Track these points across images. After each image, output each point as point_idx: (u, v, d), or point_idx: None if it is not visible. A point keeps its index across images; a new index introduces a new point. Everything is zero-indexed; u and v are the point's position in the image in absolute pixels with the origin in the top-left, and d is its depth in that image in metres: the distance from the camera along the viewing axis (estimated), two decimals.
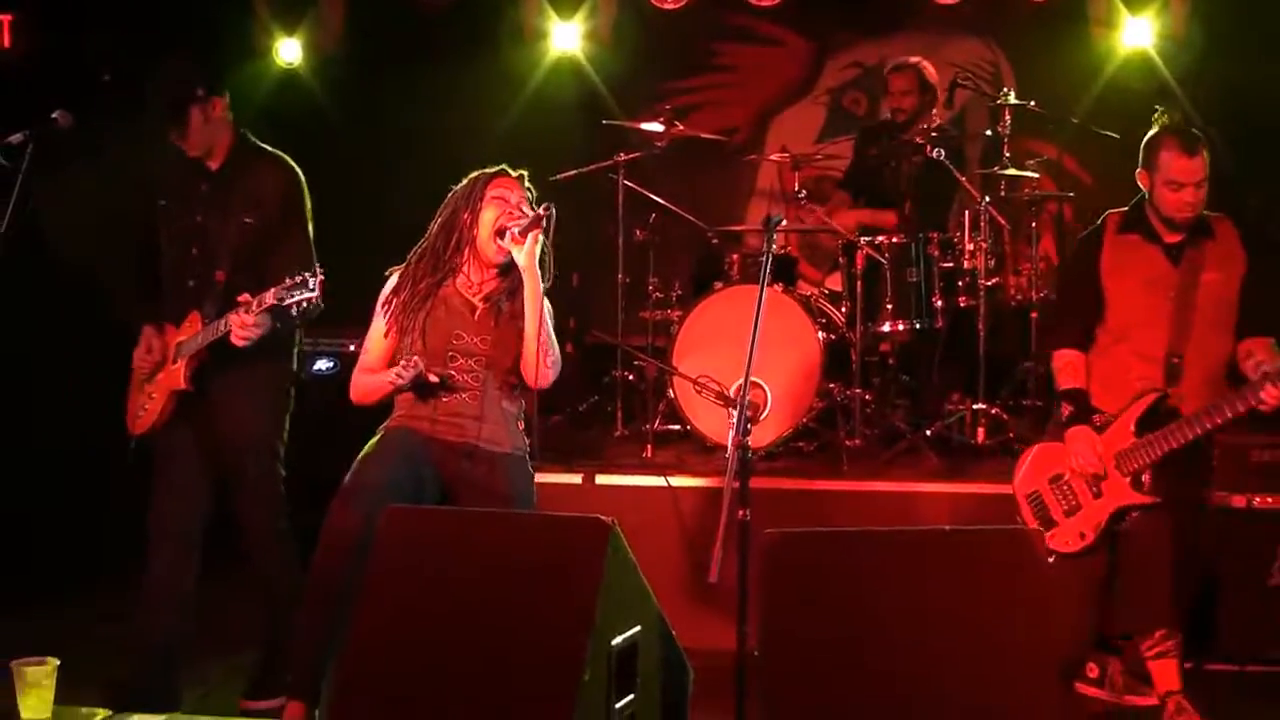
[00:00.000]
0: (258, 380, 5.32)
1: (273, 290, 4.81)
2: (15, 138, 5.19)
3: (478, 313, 4.85)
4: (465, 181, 5.00)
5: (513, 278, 4.88)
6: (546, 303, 4.90)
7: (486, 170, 4.99)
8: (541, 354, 4.74)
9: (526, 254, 4.75)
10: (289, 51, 7.97)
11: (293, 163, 5.36)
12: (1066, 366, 5.36)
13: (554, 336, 4.88)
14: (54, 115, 5.31)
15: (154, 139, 5.29)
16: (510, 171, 5.00)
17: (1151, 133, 5.30)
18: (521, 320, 4.83)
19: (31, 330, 7.17)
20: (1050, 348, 5.50)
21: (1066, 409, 5.28)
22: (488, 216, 4.85)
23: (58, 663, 4.50)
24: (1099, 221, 5.46)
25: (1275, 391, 4.86)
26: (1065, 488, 5.27)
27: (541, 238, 4.78)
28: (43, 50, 7.57)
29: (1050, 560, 5.19)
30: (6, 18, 7.63)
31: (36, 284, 6.68)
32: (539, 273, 4.77)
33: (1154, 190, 5.23)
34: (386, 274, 5.02)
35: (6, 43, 7.61)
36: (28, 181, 5.10)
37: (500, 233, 4.82)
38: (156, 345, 5.29)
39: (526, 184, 5.01)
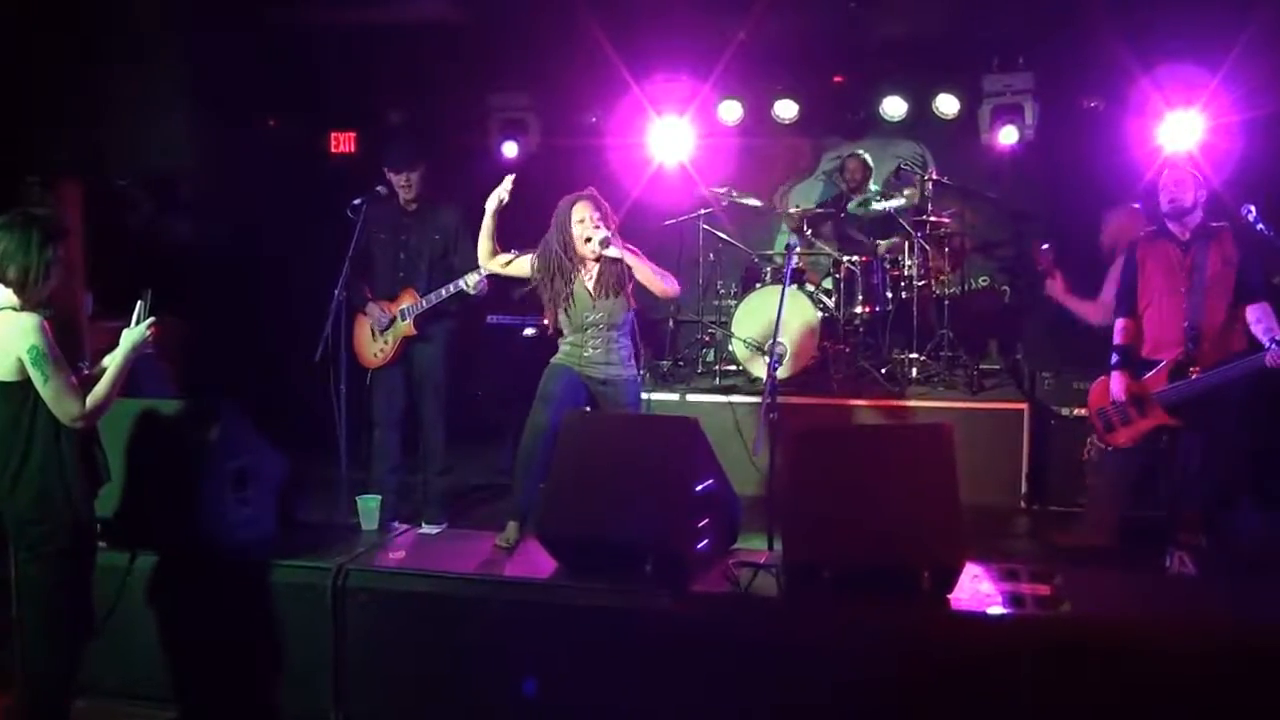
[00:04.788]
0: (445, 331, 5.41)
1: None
2: (357, 201, 5.35)
3: (595, 298, 4.57)
4: (561, 204, 4.61)
5: (605, 260, 4.57)
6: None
7: (568, 197, 4.60)
8: (661, 284, 4.58)
9: (616, 253, 4.51)
10: (509, 149, 7.98)
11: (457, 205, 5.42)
12: (1121, 330, 4.90)
13: (661, 270, 4.61)
14: (378, 188, 5.47)
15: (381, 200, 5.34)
16: (583, 195, 4.59)
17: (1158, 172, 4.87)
18: (623, 287, 4.57)
19: None
20: (1116, 316, 4.96)
21: (1115, 358, 4.88)
22: (576, 232, 4.54)
23: (381, 498, 4.62)
24: (1140, 236, 4.97)
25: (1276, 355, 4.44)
26: (1122, 408, 4.84)
27: (608, 237, 4.49)
28: (367, 151, 7.68)
29: (1109, 450, 4.93)
30: (353, 134, 7.79)
31: None
32: (624, 254, 4.52)
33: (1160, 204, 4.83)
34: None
35: (354, 149, 7.77)
36: (365, 225, 5.28)
37: (586, 240, 4.54)
38: (382, 311, 5.34)
39: (594, 196, 4.59)
